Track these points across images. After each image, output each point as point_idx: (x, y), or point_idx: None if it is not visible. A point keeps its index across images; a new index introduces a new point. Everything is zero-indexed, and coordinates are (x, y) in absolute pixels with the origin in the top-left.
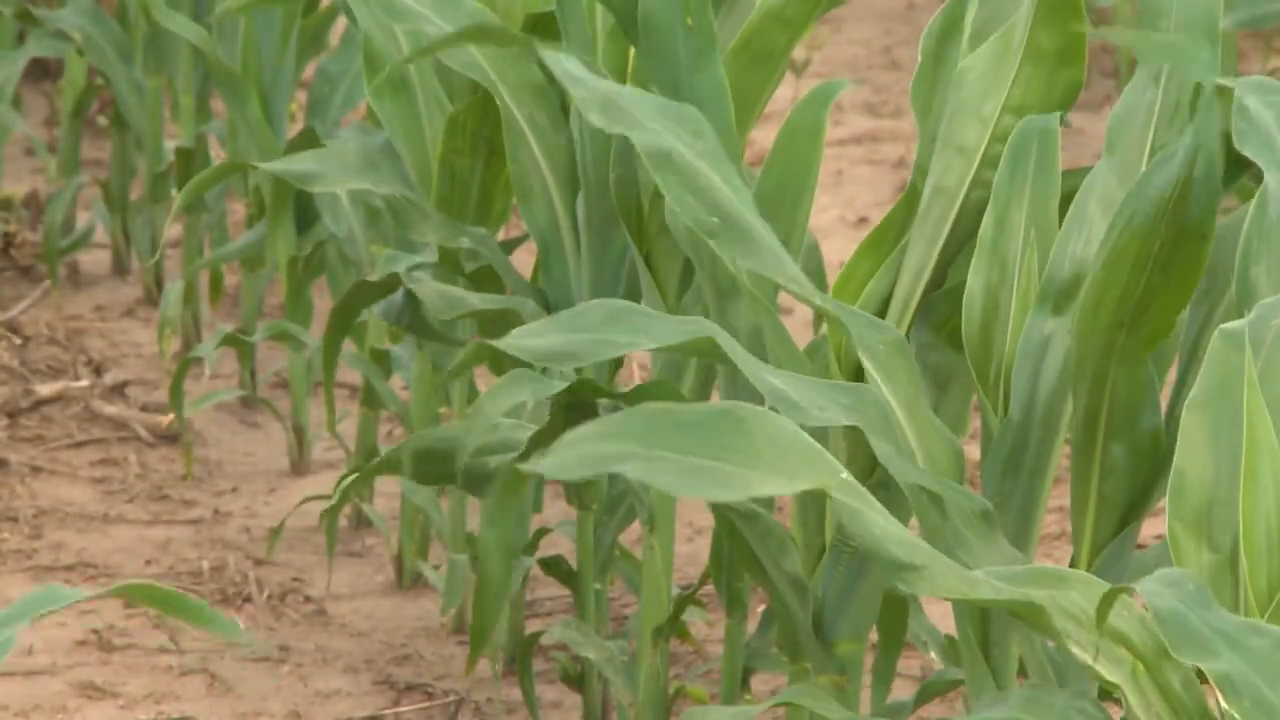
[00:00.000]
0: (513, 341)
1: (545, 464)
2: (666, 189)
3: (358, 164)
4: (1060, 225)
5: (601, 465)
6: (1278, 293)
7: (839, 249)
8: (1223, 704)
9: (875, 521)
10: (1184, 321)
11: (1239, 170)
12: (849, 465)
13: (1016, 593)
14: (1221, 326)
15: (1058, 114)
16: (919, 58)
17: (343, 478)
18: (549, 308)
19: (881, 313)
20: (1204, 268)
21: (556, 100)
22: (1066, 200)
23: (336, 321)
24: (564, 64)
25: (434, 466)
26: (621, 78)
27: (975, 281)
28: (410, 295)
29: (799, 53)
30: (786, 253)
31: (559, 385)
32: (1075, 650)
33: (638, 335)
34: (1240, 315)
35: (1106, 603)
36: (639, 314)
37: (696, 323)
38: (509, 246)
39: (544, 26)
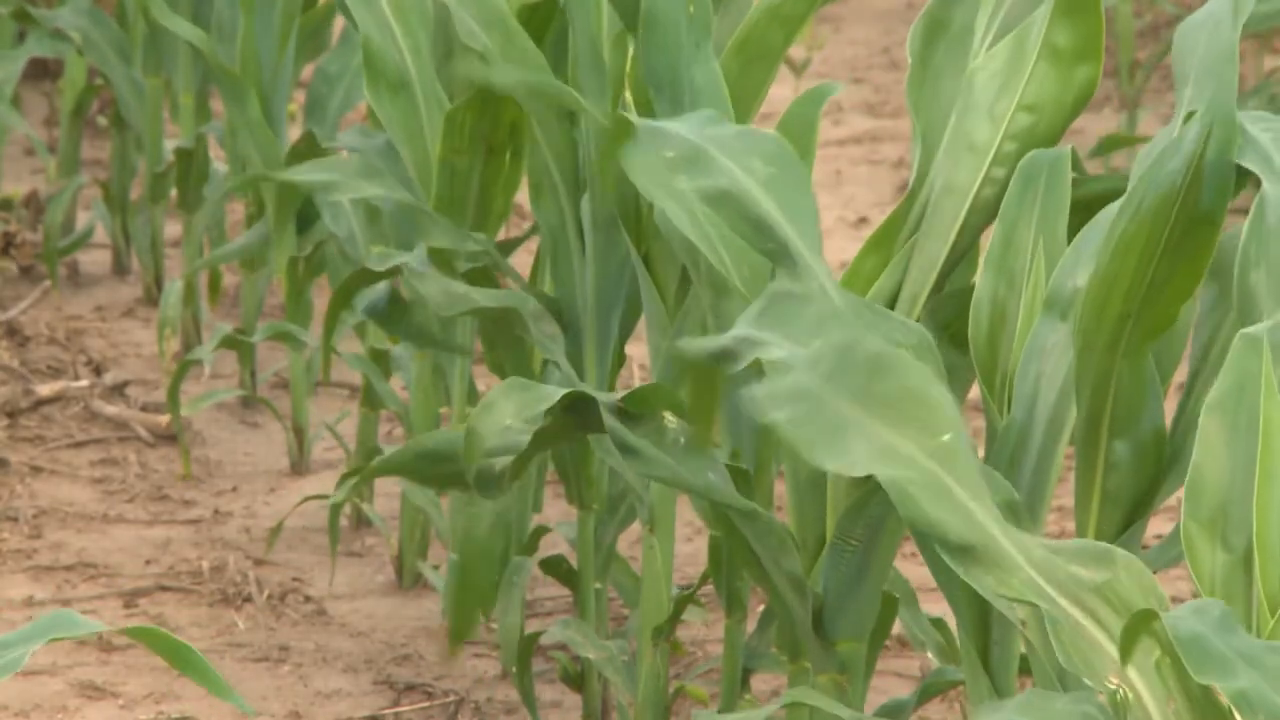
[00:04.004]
0: None
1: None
2: (730, 224)
3: (369, 171)
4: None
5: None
6: (1276, 297)
7: (839, 248)
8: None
9: (934, 502)
10: (1195, 327)
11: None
12: None
13: (1087, 583)
14: (1242, 331)
15: (1069, 149)
16: (908, 59)
17: (345, 476)
18: (556, 306)
19: (889, 309)
20: (1212, 255)
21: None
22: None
23: (336, 302)
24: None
25: (437, 468)
26: (623, 71)
27: (982, 292)
28: (394, 293)
29: (799, 52)
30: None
31: (557, 394)
32: (1094, 631)
33: None
34: (1240, 319)
35: (1137, 626)
36: None
37: None
38: (509, 247)
39: (541, 16)
